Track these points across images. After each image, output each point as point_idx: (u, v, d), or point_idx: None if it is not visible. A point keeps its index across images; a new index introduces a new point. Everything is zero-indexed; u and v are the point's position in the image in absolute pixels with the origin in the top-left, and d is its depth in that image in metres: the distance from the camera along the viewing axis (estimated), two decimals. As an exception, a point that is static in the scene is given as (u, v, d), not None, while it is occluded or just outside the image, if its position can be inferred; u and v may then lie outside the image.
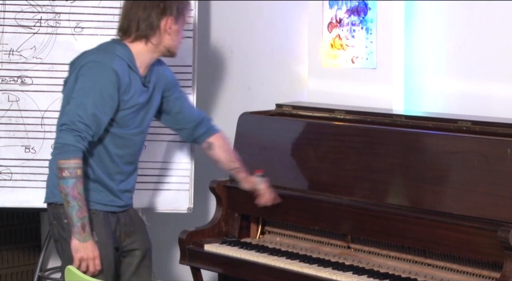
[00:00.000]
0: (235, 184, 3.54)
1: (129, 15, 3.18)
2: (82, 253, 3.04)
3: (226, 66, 4.13)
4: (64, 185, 3.00)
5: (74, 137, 3.00)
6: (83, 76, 3.07)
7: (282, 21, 3.91)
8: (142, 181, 3.75)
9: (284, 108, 3.66)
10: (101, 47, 3.19)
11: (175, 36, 3.19)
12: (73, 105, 3.04)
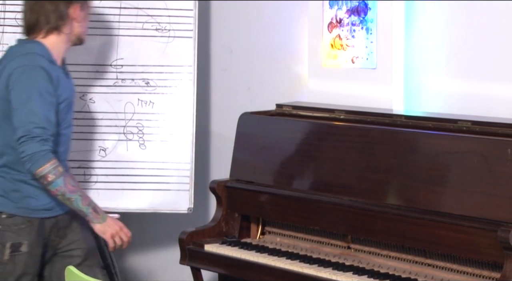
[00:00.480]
0: (235, 184, 3.54)
1: (35, 10, 3.19)
2: (110, 230, 3.19)
3: (226, 66, 4.13)
4: (56, 188, 3.04)
5: (37, 143, 3.01)
6: (17, 85, 3.07)
7: (282, 21, 3.90)
8: (142, 182, 3.76)
9: (284, 108, 3.66)
10: (18, 51, 3.16)
11: (83, 22, 3.26)
12: (23, 115, 3.04)
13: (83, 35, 3.29)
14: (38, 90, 3.05)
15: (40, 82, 3.07)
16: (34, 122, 3.02)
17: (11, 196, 3.13)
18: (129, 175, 3.76)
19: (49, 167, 3.02)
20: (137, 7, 3.75)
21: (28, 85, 3.05)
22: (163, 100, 3.77)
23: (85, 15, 3.27)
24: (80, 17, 3.24)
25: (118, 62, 3.76)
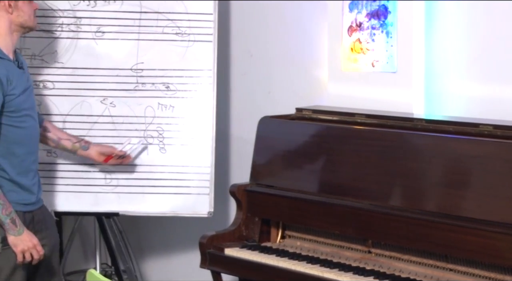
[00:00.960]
0: (255, 188, 3.54)
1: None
2: (21, 245, 3.17)
3: (245, 70, 4.14)
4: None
5: None
6: None
7: (302, 25, 3.90)
8: (162, 185, 3.76)
9: (304, 112, 3.66)
10: None
11: (22, 11, 3.23)
12: None
13: (28, 23, 3.26)
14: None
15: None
16: None
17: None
18: (150, 179, 3.77)
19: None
20: (157, 11, 3.76)
21: None
22: (183, 104, 3.78)
23: (23, 3, 3.22)
24: (16, 7, 3.21)
25: (139, 66, 3.77)
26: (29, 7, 3.25)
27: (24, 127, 3.22)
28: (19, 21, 3.24)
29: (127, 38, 3.76)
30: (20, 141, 3.22)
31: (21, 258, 3.19)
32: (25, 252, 3.19)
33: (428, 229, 3.02)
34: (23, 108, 3.21)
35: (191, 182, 3.77)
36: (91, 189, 3.75)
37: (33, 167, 3.28)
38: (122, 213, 3.78)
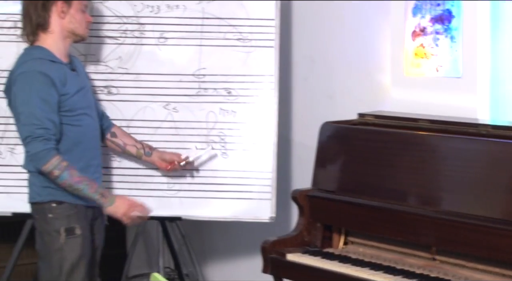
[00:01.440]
0: (317, 194, 3.53)
1: (25, 17, 3.35)
2: (120, 211, 3.30)
3: (307, 75, 4.13)
4: (62, 181, 3.22)
5: (40, 143, 3.19)
6: (18, 92, 3.24)
7: (364, 30, 3.88)
8: (224, 190, 3.78)
9: (367, 117, 3.63)
10: (20, 60, 3.32)
11: (73, 18, 3.34)
12: (24, 119, 3.22)
13: (78, 31, 3.38)
14: (38, 94, 3.21)
15: (38, 86, 3.22)
16: (36, 123, 3.20)
17: (56, 186, 3.28)
18: (212, 183, 3.79)
19: (53, 163, 3.20)
20: (219, 17, 3.78)
21: (27, 91, 3.22)
22: (245, 109, 3.79)
23: (75, 11, 3.36)
24: (68, 14, 3.34)
25: (201, 71, 3.79)
26: (81, 17, 3.37)
27: (81, 125, 3.33)
28: (70, 27, 3.35)
29: (190, 44, 3.79)
30: (78, 139, 3.32)
31: (129, 221, 3.33)
32: (127, 214, 3.31)
33: (494, 236, 2.97)
34: (78, 107, 3.32)
35: (253, 187, 3.77)
36: (154, 194, 3.78)
37: (93, 163, 3.37)
38: (185, 217, 3.80)
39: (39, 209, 3.31)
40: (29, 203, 3.37)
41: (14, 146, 3.73)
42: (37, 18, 3.31)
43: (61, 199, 3.29)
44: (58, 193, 3.29)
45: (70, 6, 3.34)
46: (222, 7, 3.77)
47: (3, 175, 3.74)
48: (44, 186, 3.28)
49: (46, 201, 3.29)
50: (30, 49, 3.34)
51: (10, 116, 3.57)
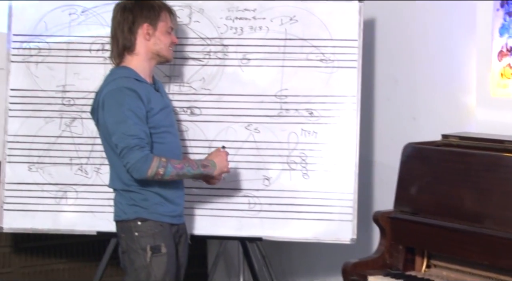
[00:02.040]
0: (399, 216, 3.49)
1: (112, 40, 3.41)
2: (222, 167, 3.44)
3: (390, 96, 4.10)
4: (169, 175, 3.28)
5: (137, 151, 3.23)
6: (108, 108, 3.29)
7: (448, 50, 3.84)
8: (305, 211, 3.77)
9: (451, 138, 3.58)
10: (107, 80, 3.37)
11: (159, 40, 3.39)
12: (119, 132, 3.25)
13: (163, 52, 3.43)
14: (128, 108, 3.26)
15: (127, 100, 3.27)
16: (129, 135, 3.24)
17: (143, 204, 3.34)
18: (293, 204, 3.78)
19: (155, 165, 3.25)
20: (302, 38, 3.79)
21: (118, 106, 3.27)
22: (326, 130, 3.78)
23: (160, 33, 3.41)
24: (152, 36, 3.39)
25: (283, 92, 3.80)
26: (166, 38, 3.42)
27: (164, 143, 3.37)
28: (155, 49, 3.41)
29: (272, 65, 3.81)
30: (162, 155, 3.33)
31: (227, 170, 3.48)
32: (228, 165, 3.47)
33: None
34: (162, 125, 3.37)
35: (334, 208, 3.75)
36: (235, 214, 3.80)
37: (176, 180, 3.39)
38: (266, 238, 3.81)
39: (125, 227, 3.36)
40: (115, 221, 3.42)
41: (99, 166, 3.80)
42: (123, 41, 3.38)
43: (147, 217, 3.33)
44: (143, 211, 3.33)
45: (156, 29, 3.40)
46: (305, 28, 3.78)
47: (89, 194, 3.82)
48: (130, 204, 3.33)
49: (132, 219, 3.33)
50: (116, 69, 3.41)
51: (96, 137, 3.65)
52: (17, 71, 3.88)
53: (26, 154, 3.86)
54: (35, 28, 3.89)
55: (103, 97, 3.31)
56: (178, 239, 3.46)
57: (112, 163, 3.37)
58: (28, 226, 3.86)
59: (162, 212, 3.35)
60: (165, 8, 3.44)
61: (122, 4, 3.41)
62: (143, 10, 3.37)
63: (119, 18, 3.38)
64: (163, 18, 3.41)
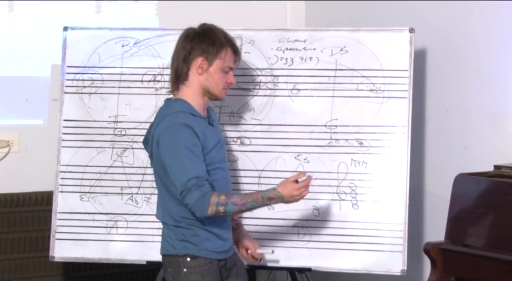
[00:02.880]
0: (451, 247, 3.45)
1: (171, 67, 3.34)
2: (293, 198, 3.25)
3: (441, 126, 4.07)
4: (230, 212, 3.22)
5: (194, 192, 3.16)
6: (165, 146, 3.21)
7: (501, 79, 3.80)
8: (354, 242, 3.75)
9: (503, 169, 3.54)
10: (164, 113, 3.29)
11: (211, 77, 3.28)
12: (177, 171, 3.19)
13: (213, 90, 3.31)
14: (185, 146, 3.19)
15: (184, 137, 3.21)
16: (187, 175, 3.17)
17: (192, 240, 3.28)
18: (342, 234, 3.76)
19: (214, 204, 3.17)
20: (352, 69, 3.79)
21: (175, 144, 3.20)
22: (376, 160, 3.76)
23: (215, 70, 3.29)
24: (206, 71, 3.29)
25: (333, 122, 3.80)
26: (220, 77, 3.30)
27: (216, 179, 3.31)
28: (206, 85, 3.30)
29: (322, 95, 3.81)
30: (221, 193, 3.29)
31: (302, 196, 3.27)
32: (302, 194, 3.26)
33: None
34: (215, 161, 3.31)
35: (384, 239, 3.72)
36: (284, 244, 3.79)
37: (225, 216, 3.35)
38: (315, 268, 3.79)
39: (172, 262, 3.32)
40: (162, 255, 3.38)
41: (150, 196, 3.84)
42: (177, 68, 3.31)
43: (196, 253, 3.28)
44: (193, 248, 3.29)
45: (211, 65, 3.29)
46: (355, 59, 3.79)
47: (139, 224, 3.85)
48: (180, 239, 3.29)
49: (181, 255, 3.29)
50: (172, 102, 3.34)
51: (147, 167, 3.69)
52: (71, 102, 3.94)
53: (78, 183, 3.91)
54: (89, 59, 3.95)
55: (159, 133, 3.25)
56: (228, 272, 3.41)
57: (162, 197, 3.33)
58: (79, 255, 3.90)
59: (211, 248, 3.30)
60: (229, 45, 3.30)
61: (187, 31, 3.33)
62: (202, 43, 3.27)
63: (179, 45, 3.32)
64: (222, 55, 3.29)
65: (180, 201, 3.22)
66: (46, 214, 4.26)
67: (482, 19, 3.86)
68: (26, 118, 4.55)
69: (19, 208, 4.40)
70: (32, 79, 4.55)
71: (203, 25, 3.33)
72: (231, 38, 3.32)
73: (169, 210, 3.30)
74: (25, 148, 4.51)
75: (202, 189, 3.17)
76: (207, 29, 3.30)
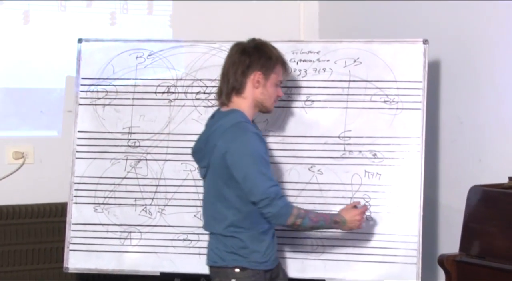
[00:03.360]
0: (465, 259, 3.44)
1: (222, 78, 3.38)
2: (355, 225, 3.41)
3: (455, 137, 4.06)
4: (304, 226, 3.33)
5: (278, 201, 3.24)
6: (238, 158, 3.23)
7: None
8: (368, 253, 3.74)
9: (518, 181, 3.54)
10: (225, 124, 3.30)
11: (266, 90, 3.35)
12: (255, 181, 3.23)
13: (266, 103, 3.38)
14: (259, 153, 3.25)
15: (258, 146, 3.26)
16: (267, 182, 3.23)
17: (241, 252, 3.31)
18: (356, 246, 3.75)
19: (294, 215, 3.28)
20: (365, 80, 3.79)
21: (250, 151, 3.24)
22: (390, 171, 3.75)
23: (271, 84, 3.37)
24: (262, 85, 3.35)
25: (346, 134, 3.80)
26: (273, 91, 3.39)
27: None
28: (261, 98, 3.37)
29: (336, 107, 3.81)
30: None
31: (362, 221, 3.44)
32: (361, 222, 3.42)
33: None
34: None
35: (397, 250, 3.71)
36: (298, 256, 3.79)
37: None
38: (328, 280, 3.78)
39: (221, 273, 3.34)
40: (209, 266, 3.39)
41: (163, 207, 3.84)
42: (233, 82, 3.35)
43: (245, 265, 3.31)
44: (242, 260, 3.32)
45: (267, 79, 3.36)
46: (369, 70, 3.79)
47: (153, 235, 3.86)
48: (229, 251, 3.32)
49: (230, 267, 3.32)
50: (230, 113, 3.35)
51: (161, 178, 3.69)
52: (85, 114, 3.96)
53: (92, 195, 3.92)
54: (103, 71, 3.97)
55: (228, 142, 3.25)
56: (275, 280, 3.45)
57: (215, 207, 3.33)
58: (92, 267, 3.91)
59: (260, 260, 3.33)
60: (281, 61, 3.41)
61: (242, 45, 3.39)
62: (261, 58, 3.35)
63: (235, 59, 3.36)
64: (276, 70, 3.38)
65: (237, 210, 3.27)
66: (60, 225, 4.28)
67: (496, 30, 3.85)
68: (40, 130, 4.58)
69: (34, 219, 4.42)
70: (47, 91, 4.58)
71: (255, 40, 3.42)
72: (281, 53, 3.43)
73: (222, 219, 3.32)
74: (40, 159, 4.54)
75: (284, 199, 3.29)
76: (263, 44, 3.40)
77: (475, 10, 3.94)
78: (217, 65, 3.87)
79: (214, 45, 3.92)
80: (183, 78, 3.91)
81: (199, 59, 3.93)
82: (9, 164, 4.49)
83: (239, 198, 3.27)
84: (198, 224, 3.82)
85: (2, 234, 4.37)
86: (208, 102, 3.90)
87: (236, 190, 3.26)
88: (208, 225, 3.38)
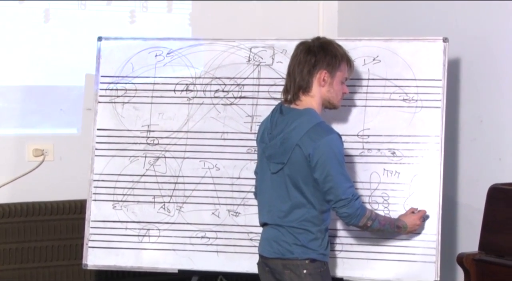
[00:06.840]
0: (484, 258, 3.42)
1: (289, 77, 3.41)
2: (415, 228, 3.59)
3: (475, 136, 4.04)
4: (373, 228, 3.44)
5: (355, 202, 3.34)
6: (327, 158, 3.28)
7: (536, 89, 3.78)
8: (386, 252, 3.73)
9: (538, 180, 3.52)
10: (303, 123, 3.32)
11: (332, 88, 3.39)
12: (338, 182, 3.31)
13: (333, 100, 3.44)
14: (342, 155, 3.33)
15: (339, 146, 3.32)
16: (346, 183, 3.33)
17: (310, 245, 3.37)
18: (374, 245, 3.75)
19: (367, 217, 3.38)
20: (385, 78, 3.78)
21: (336, 153, 3.30)
22: (409, 170, 3.74)
23: (337, 82, 3.41)
24: (328, 83, 3.39)
25: (365, 132, 3.79)
26: (340, 88, 3.44)
27: None
28: (327, 95, 3.41)
29: (354, 105, 3.80)
30: None
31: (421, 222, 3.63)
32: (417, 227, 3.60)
33: None
34: None
35: (416, 249, 3.70)
36: (316, 254, 3.78)
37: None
38: (346, 278, 3.77)
39: (290, 265, 3.37)
40: (274, 258, 3.40)
41: (182, 205, 3.85)
42: (300, 81, 3.37)
43: (316, 257, 3.38)
44: (312, 253, 3.37)
45: (333, 77, 3.40)
46: (388, 68, 3.77)
47: (171, 232, 3.87)
48: (299, 244, 3.37)
49: (300, 259, 3.37)
50: (306, 112, 3.36)
51: (179, 176, 3.69)
52: (104, 112, 3.98)
53: (111, 192, 3.94)
54: (122, 69, 3.99)
55: (316, 141, 3.27)
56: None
57: (297, 202, 3.36)
58: (111, 263, 3.93)
59: (326, 252, 3.41)
60: (346, 58, 3.44)
61: (307, 44, 3.41)
62: (326, 57, 3.37)
63: (301, 58, 3.38)
64: (342, 68, 3.41)
65: (312, 206, 3.34)
66: (79, 223, 4.30)
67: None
68: (60, 127, 4.60)
69: (53, 216, 4.44)
70: (67, 89, 4.60)
71: (319, 38, 3.45)
72: (346, 50, 3.47)
73: (295, 213, 3.36)
74: (60, 157, 4.56)
75: (360, 200, 3.39)
76: (328, 43, 3.43)
77: (496, 8, 3.92)
78: (236, 63, 3.90)
79: (233, 43, 3.93)
80: (202, 76, 3.92)
81: (218, 57, 3.93)
82: (29, 161, 4.52)
83: (315, 195, 3.33)
84: (216, 221, 3.84)
85: (22, 231, 4.40)
86: (226, 100, 3.90)
87: (313, 187, 3.32)
88: (270, 217, 3.41)
